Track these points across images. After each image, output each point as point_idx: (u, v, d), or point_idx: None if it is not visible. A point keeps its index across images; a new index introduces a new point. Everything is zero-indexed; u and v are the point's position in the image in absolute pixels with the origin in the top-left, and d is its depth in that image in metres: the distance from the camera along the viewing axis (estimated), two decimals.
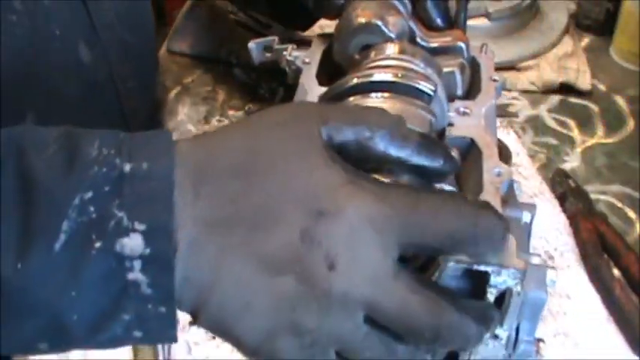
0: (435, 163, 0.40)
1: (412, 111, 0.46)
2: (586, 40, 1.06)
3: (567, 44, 1.04)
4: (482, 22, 1.04)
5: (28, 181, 0.34)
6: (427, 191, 0.37)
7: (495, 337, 0.43)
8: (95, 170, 0.34)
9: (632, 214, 0.79)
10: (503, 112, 0.94)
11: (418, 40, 0.56)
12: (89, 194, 0.34)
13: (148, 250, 0.34)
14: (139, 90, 0.75)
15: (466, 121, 0.50)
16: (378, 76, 0.48)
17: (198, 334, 0.63)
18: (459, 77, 0.53)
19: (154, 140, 0.36)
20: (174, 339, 0.37)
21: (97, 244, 0.33)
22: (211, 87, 0.98)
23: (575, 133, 0.91)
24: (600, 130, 0.91)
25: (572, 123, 0.92)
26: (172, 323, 0.36)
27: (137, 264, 0.34)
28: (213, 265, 0.35)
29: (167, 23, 1.11)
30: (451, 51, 0.56)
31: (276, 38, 0.60)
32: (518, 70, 1.01)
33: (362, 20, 0.53)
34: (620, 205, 0.81)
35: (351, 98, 0.47)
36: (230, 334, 0.36)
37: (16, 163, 0.34)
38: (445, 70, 0.53)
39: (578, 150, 0.88)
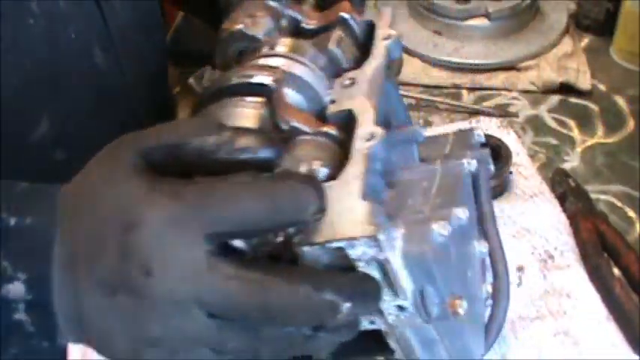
0: (260, 154, 0.39)
1: (238, 112, 0.46)
2: (586, 40, 1.07)
3: (567, 44, 1.04)
4: (483, 22, 1.05)
5: None
6: (223, 179, 0.37)
7: (401, 308, 0.42)
8: None
9: (632, 213, 0.79)
10: (503, 112, 0.94)
11: (303, 25, 0.56)
12: None
13: (29, 297, 0.38)
14: (150, 96, 0.75)
15: (348, 93, 0.49)
16: (214, 87, 0.48)
17: None
18: (337, 51, 0.53)
19: (41, 196, 0.40)
20: None
21: None
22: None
23: (575, 133, 0.91)
24: (600, 130, 0.91)
25: (572, 123, 0.92)
26: (57, 353, 0.41)
27: (21, 306, 0.38)
28: (73, 299, 0.38)
29: (167, 23, 1.11)
30: (336, 25, 0.55)
31: (208, 67, 0.61)
32: (518, 70, 1.01)
33: (226, 30, 0.55)
34: (620, 204, 0.81)
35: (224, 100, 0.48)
36: (112, 356, 0.39)
37: None
38: (322, 48, 0.53)
39: (578, 150, 0.88)
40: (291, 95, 0.48)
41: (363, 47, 0.55)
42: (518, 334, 0.67)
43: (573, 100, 0.96)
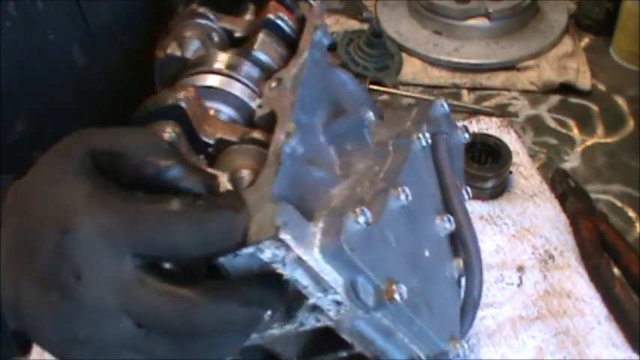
0: (192, 186, 0.39)
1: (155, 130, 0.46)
2: (586, 40, 1.07)
3: (567, 44, 1.04)
4: (483, 22, 1.05)
5: None
6: (156, 203, 0.37)
7: (337, 302, 0.41)
8: None
9: (632, 213, 0.79)
10: (503, 112, 0.94)
11: (237, 34, 0.57)
12: None
13: None
14: (137, 95, 0.75)
15: (275, 94, 0.49)
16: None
17: None
18: (260, 55, 0.53)
19: None
20: (19, 355, 0.42)
21: None
22: None
23: (575, 133, 0.91)
24: (600, 130, 0.91)
25: (572, 123, 0.93)
26: (9, 344, 0.41)
27: None
28: (13, 292, 0.38)
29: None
30: (262, 28, 0.55)
31: None
32: (518, 70, 1.01)
33: (158, 57, 0.55)
34: (620, 204, 0.81)
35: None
36: (46, 350, 0.39)
37: None
38: (246, 53, 0.53)
39: (578, 150, 0.88)
40: (216, 108, 0.49)
41: (297, 44, 0.54)
42: (518, 334, 0.67)
43: (573, 100, 0.96)
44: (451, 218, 0.51)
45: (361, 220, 0.39)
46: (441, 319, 0.49)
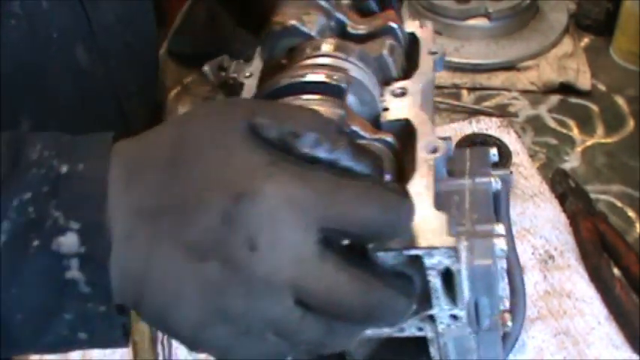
0: (362, 169, 0.39)
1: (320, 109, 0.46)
2: (586, 40, 1.07)
3: (567, 44, 1.04)
4: (483, 22, 1.05)
5: None
6: (348, 179, 0.36)
7: (454, 317, 0.43)
8: (34, 172, 0.36)
9: (632, 213, 0.79)
10: (503, 112, 0.94)
11: (349, 29, 0.56)
12: (28, 195, 0.35)
13: (83, 249, 0.35)
14: (139, 93, 0.75)
15: (402, 102, 0.50)
16: (284, 80, 0.47)
17: None
18: (389, 59, 0.52)
19: (93, 142, 0.38)
20: (121, 343, 0.38)
21: (35, 243, 0.35)
22: (211, 87, 0.98)
23: (575, 133, 0.91)
24: (600, 130, 0.91)
25: (572, 123, 0.92)
26: (114, 324, 0.37)
27: (74, 262, 0.35)
28: (143, 255, 0.35)
29: (167, 23, 1.11)
30: (383, 33, 0.55)
31: (226, 57, 0.60)
32: (518, 70, 1.01)
33: (280, 24, 0.54)
34: (620, 204, 0.81)
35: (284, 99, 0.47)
36: (166, 326, 0.36)
37: None
38: (374, 54, 0.53)
39: (578, 150, 0.88)
40: (350, 99, 0.48)
41: (409, 58, 0.55)
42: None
43: (573, 100, 0.96)
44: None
45: (504, 247, 0.42)
46: (500, 347, 0.52)
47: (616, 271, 0.71)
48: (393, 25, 0.55)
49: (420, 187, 0.42)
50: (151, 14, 0.79)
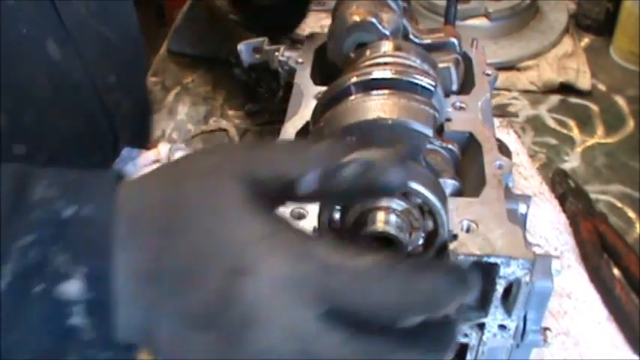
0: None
1: (415, 107, 0.46)
2: (586, 40, 1.07)
3: (567, 44, 1.04)
4: (483, 22, 1.05)
5: None
6: (355, 252, 0.33)
7: (503, 327, 0.44)
8: (37, 213, 0.35)
9: (632, 214, 0.79)
10: (503, 112, 0.94)
11: (411, 36, 0.57)
12: (30, 238, 0.34)
13: (88, 295, 0.34)
14: (121, 85, 0.74)
15: (463, 116, 0.51)
16: (378, 73, 0.48)
17: None
18: (454, 73, 0.54)
19: (99, 183, 0.37)
20: None
21: (38, 288, 0.34)
22: (211, 87, 0.98)
23: (575, 133, 0.91)
24: (600, 130, 0.91)
25: (572, 123, 0.92)
26: None
27: (77, 309, 0.34)
28: (145, 316, 0.35)
29: (167, 23, 1.11)
30: (444, 47, 0.56)
31: (266, 39, 0.60)
32: (518, 70, 1.01)
33: (357, 18, 0.54)
34: (620, 205, 0.81)
35: (352, 97, 0.47)
36: None
37: None
38: (440, 65, 0.53)
39: (578, 150, 0.88)
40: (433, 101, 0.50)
41: (462, 74, 0.57)
42: None
43: (573, 100, 0.96)
44: None
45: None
46: None
47: (616, 271, 0.71)
48: (455, 40, 0.57)
49: (491, 198, 0.44)
50: (129, 5, 0.78)
